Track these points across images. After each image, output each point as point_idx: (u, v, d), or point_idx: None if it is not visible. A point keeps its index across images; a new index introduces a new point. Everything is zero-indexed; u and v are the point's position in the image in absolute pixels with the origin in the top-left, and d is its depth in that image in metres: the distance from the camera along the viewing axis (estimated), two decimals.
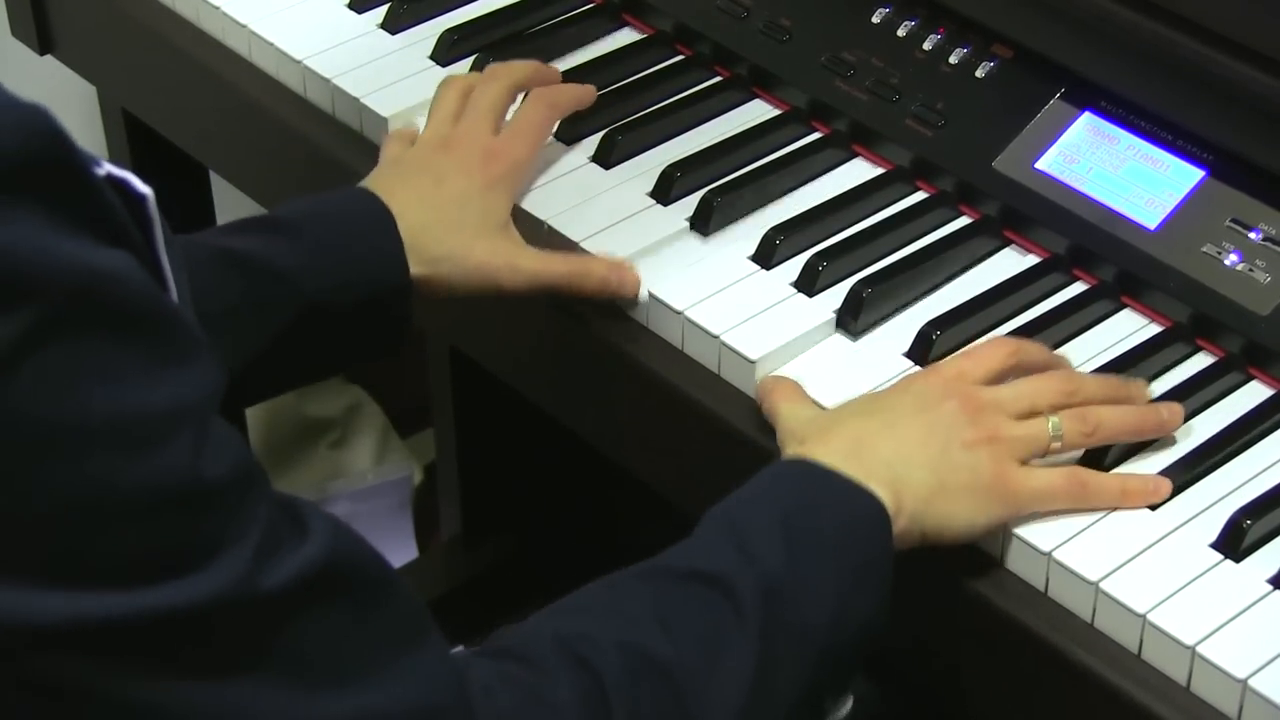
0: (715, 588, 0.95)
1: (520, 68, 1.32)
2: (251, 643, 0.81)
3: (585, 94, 1.33)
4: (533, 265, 1.21)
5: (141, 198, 0.81)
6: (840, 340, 1.18)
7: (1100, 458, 1.09)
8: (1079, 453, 1.09)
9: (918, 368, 1.15)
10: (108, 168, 0.80)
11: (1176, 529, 1.05)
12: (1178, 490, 1.07)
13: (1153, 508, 1.06)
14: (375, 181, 1.23)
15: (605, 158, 1.31)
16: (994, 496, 1.04)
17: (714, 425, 1.15)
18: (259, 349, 1.16)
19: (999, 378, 1.09)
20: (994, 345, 1.11)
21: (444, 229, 1.20)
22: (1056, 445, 1.06)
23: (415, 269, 1.19)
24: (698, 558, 0.98)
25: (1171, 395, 1.13)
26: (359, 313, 1.18)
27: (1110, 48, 1.22)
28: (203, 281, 1.07)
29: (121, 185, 0.80)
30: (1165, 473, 1.07)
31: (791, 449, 1.06)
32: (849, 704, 1.05)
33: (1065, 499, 1.05)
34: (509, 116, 1.29)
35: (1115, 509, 1.06)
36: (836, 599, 0.98)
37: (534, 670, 0.90)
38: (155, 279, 0.82)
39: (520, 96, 1.31)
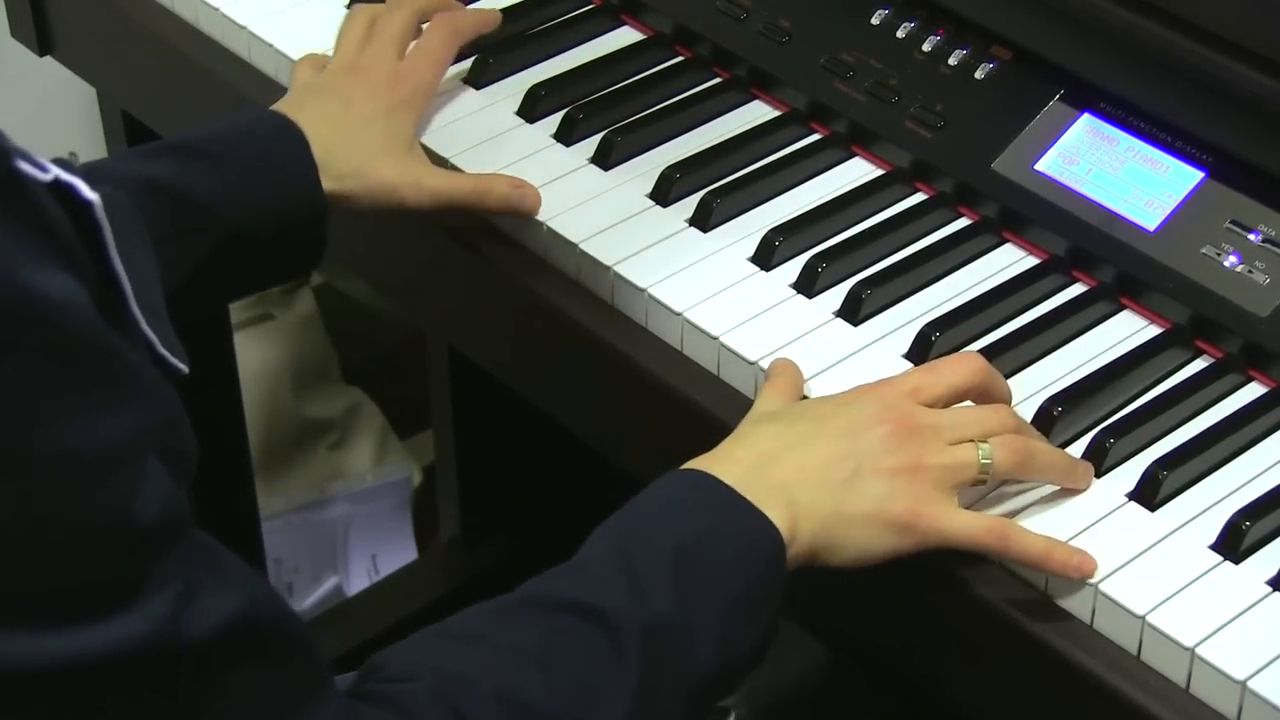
0: (602, 626, 0.94)
1: None
2: (178, 696, 0.79)
3: (489, 18, 1.36)
4: (437, 184, 1.24)
5: (88, 204, 0.79)
6: (839, 341, 1.18)
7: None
8: (1031, 493, 1.07)
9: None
10: (55, 172, 0.77)
11: (1176, 530, 1.05)
12: (1176, 492, 1.08)
13: (1151, 509, 1.06)
14: (285, 105, 1.25)
15: (604, 159, 1.31)
16: (896, 528, 1.02)
17: (713, 426, 1.15)
18: (184, 276, 1.15)
19: (959, 396, 1.07)
20: (964, 360, 1.08)
21: (351, 147, 1.22)
22: (984, 477, 1.04)
23: (324, 185, 1.20)
24: (588, 588, 0.97)
25: (1170, 397, 1.13)
26: (279, 235, 1.19)
27: (1109, 49, 1.22)
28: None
29: (68, 191, 0.78)
30: (1161, 471, 1.07)
31: (698, 459, 1.04)
32: (730, 717, 1.04)
33: (981, 547, 1.03)
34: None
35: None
36: (722, 634, 0.97)
37: None
38: (109, 287, 0.80)
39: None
